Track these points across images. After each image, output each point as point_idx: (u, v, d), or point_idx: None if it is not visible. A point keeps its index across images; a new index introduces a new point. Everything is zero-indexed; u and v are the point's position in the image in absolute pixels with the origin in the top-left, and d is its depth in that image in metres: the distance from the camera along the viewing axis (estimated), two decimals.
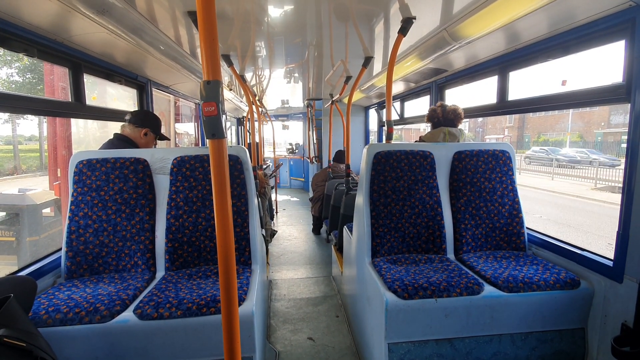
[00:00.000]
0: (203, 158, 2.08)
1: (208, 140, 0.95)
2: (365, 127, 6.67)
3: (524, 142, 32.62)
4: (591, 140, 25.79)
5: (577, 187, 14.19)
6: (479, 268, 1.91)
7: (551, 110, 2.19)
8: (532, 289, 1.71)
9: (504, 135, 34.24)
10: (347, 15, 2.16)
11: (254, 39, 2.68)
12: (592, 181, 14.84)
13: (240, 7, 2.00)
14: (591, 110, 25.91)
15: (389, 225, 2.17)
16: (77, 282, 1.80)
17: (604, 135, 24.94)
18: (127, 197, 2.00)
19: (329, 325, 2.72)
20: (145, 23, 2.01)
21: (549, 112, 28.89)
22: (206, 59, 0.91)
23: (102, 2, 1.58)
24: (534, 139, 31.74)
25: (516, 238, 2.18)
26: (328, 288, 3.44)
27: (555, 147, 24.44)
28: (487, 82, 2.78)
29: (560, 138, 28.45)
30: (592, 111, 26.39)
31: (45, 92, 3.40)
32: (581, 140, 26.50)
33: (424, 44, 2.51)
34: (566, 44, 1.93)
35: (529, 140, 32.36)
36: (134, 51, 2.30)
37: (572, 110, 26.34)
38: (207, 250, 2.04)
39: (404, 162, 2.20)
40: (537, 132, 32.07)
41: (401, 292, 1.68)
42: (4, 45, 1.68)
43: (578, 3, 1.57)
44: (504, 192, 2.22)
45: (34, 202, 4.68)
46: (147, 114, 2.46)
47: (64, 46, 2.03)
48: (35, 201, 4.69)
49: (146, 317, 1.51)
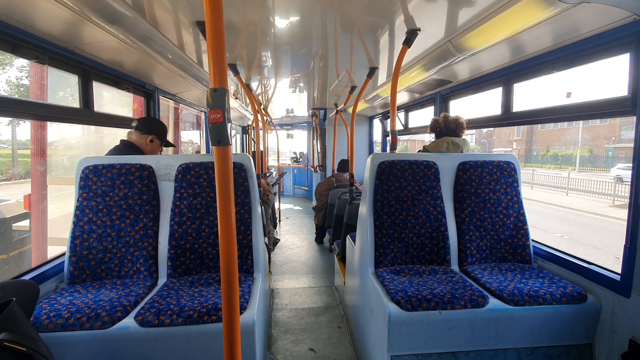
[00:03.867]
0: (208, 165, 2.09)
1: (213, 147, 0.96)
2: (370, 136, 6.69)
3: (532, 155, 31.65)
4: (601, 154, 25.05)
5: (594, 204, 13.39)
6: (484, 280, 1.88)
7: (556, 122, 2.19)
8: (538, 302, 1.68)
9: (512, 149, 32.70)
10: (353, 27, 2.19)
11: (261, 49, 2.72)
12: (609, 197, 14.02)
13: (247, 18, 2.04)
14: (601, 123, 25.11)
15: (393, 235, 2.16)
16: (80, 287, 1.80)
17: (615, 150, 24.12)
18: (131, 203, 2.01)
19: (331, 336, 2.68)
20: (154, 32, 2.05)
21: (558, 125, 28.21)
22: (213, 68, 0.92)
23: (113, 11, 1.62)
24: (543, 153, 30.66)
25: (521, 250, 2.16)
26: (330, 298, 3.41)
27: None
28: (492, 93, 2.80)
29: (569, 152, 27.45)
30: (602, 125, 25.55)
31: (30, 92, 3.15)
32: (591, 154, 25.69)
33: (429, 55, 2.53)
34: (571, 57, 1.94)
35: (537, 154, 31.31)
36: (142, 59, 2.34)
37: (581, 123, 25.58)
38: (210, 257, 2.04)
39: (408, 172, 2.19)
40: (546, 146, 31.05)
41: (404, 303, 1.66)
42: (16, 52, 1.72)
43: (582, 16, 1.58)
44: (508, 203, 2.20)
45: (3, 215, 4.09)
46: (153, 121, 2.49)
47: (75, 54, 2.07)
48: (5, 214, 4.10)
49: (147, 324, 1.50)
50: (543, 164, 28.49)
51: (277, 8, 1.89)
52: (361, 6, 1.86)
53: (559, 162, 27.22)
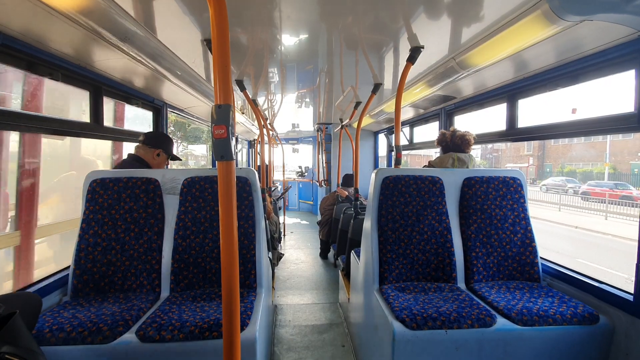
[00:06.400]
0: (213, 179, 2.11)
1: (217, 161, 0.97)
2: (375, 151, 6.70)
3: (544, 172, 29.28)
4: (625, 171, 22.77)
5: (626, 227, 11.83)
6: (491, 299, 1.83)
7: (561, 137, 2.17)
8: (548, 322, 1.62)
9: (529, 164, 30.22)
10: (358, 44, 2.23)
11: (267, 66, 2.78)
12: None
13: (255, 36, 2.10)
14: (623, 137, 23.16)
15: (397, 251, 2.13)
16: (83, 300, 1.80)
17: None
18: (136, 217, 2.02)
19: (334, 355, 2.62)
20: (164, 50, 2.12)
21: (574, 140, 26.50)
22: (219, 84, 0.94)
23: (125, 30, 1.68)
24: (557, 169, 28.18)
25: (530, 268, 2.11)
26: (334, 315, 3.34)
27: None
28: (497, 109, 2.80)
29: (588, 169, 25.13)
30: (625, 139, 23.43)
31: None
32: (614, 171, 23.34)
33: (433, 72, 2.56)
34: (574, 73, 1.94)
35: (550, 170, 28.89)
36: (152, 76, 2.41)
37: (609, 137, 23.35)
38: (213, 272, 2.02)
39: (413, 187, 2.18)
40: (560, 162, 28.50)
41: (409, 322, 1.62)
42: (32, 69, 1.79)
43: (585, 34, 1.59)
44: (515, 219, 2.16)
45: None
46: (160, 136, 2.53)
47: (87, 70, 2.14)
48: None
49: (148, 339, 1.48)
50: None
51: (284, 27, 1.95)
52: (366, 25, 1.90)
53: (578, 179, 24.75)
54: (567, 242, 10.89)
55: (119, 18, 1.60)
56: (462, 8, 1.63)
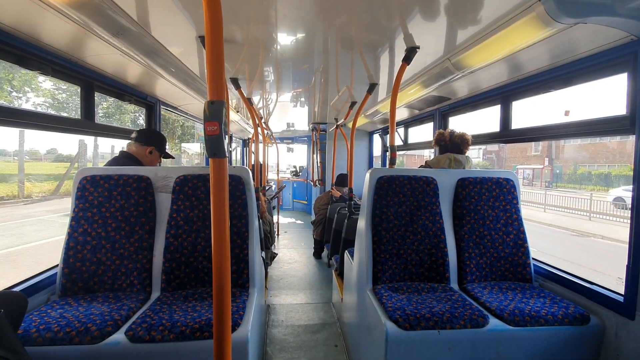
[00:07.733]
0: (206, 177, 2.08)
1: (209, 159, 0.96)
2: (369, 151, 6.71)
3: (554, 174, 26.79)
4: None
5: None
6: (484, 299, 1.84)
7: (554, 139, 2.19)
8: (540, 323, 1.64)
9: (543, 166, 27.19)
10: (353, 44, 2.22)
11: (263, 64, 2.76)
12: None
13: (250, 34, 2.08)
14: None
15: (391, 251, 2.13)
16: (71, 300, 1.76)
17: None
18: (127, 215, 1.99)
19: (327, 355, 2.61)
20: (157, 46, 2.09)
21: (587, 139, 23.85)
22: (211, 80, 0.93)
23: (118, 25, 1.65)
24: (569, 171, 25.93)
25: (522, 269, 2.12)
26: (327, 315, 3.34)
27: None
28: (492, 110, 2.82)
29: (605, 171, 23.07)
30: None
31: None
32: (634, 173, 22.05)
33: (428, 73, 2.56)
34: (568, 76, 1.96)
35: (561, 172, 26.52)
36: (145, 72, 2.37)
37: (632, 137, 22.69)
38: (205, 271, 2.00)
39: (407, 187, 2.18)
40: (573, 163, 26.14)
41: (402, 322, 1.61)
42: (21, 63, 1.75)
43: (579, 37, 1.61)
44: (507, 220, 2.18)
45: None
46: (152, 133, 2.50)
47: (78, 65, 2.10)
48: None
49: (138, 339, 1.46)
50: (575, 184, 24.05)
51: (280, 25, 1.93)
52: (362, 24, 1.89)
53: (593, 182, 22.79)
54: None
55: (112, 13, 1.57)
56: (458, 9, 1.63)
